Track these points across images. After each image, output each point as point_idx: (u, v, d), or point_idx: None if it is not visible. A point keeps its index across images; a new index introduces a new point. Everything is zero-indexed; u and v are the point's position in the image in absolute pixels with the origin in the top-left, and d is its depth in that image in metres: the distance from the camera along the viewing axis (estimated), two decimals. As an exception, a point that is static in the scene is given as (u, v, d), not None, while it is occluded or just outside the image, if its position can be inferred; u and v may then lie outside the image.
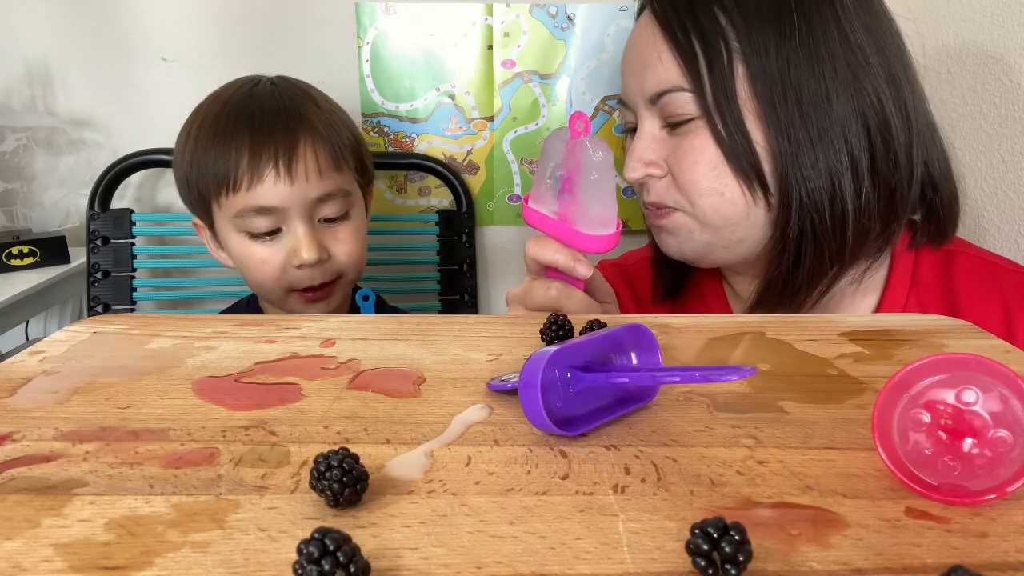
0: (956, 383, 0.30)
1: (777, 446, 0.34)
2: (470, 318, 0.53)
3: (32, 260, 1.11)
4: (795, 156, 0.63)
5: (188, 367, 0.44)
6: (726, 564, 0.24)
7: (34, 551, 0.27)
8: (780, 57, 0.63)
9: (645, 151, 0.69)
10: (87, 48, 1.17)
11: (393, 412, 0.38)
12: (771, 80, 0.63)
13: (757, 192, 0.65)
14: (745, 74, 0.64)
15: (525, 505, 0.30)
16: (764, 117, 0.64)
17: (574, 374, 0.37)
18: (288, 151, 0.78)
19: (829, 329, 0.50)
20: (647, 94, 0.68)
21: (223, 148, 0.79)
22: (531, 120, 1.20)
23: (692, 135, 0.66)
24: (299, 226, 0.80)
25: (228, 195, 0.79)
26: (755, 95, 0.64)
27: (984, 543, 0.27)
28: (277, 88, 0.84)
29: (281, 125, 0.79)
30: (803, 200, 0.64)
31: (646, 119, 0.70)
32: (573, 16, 1.15)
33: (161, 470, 0.32)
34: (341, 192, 0.83)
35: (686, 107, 0.66)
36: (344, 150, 0.84)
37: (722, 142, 0.65)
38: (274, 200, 0.78)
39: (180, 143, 0.84)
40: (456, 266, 1.21)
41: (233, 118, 0.80)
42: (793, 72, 0.63)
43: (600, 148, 0.58)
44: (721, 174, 0.66)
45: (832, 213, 0.64)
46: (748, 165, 0.65)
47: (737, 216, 0.67)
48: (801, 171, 0.64)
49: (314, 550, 0.24)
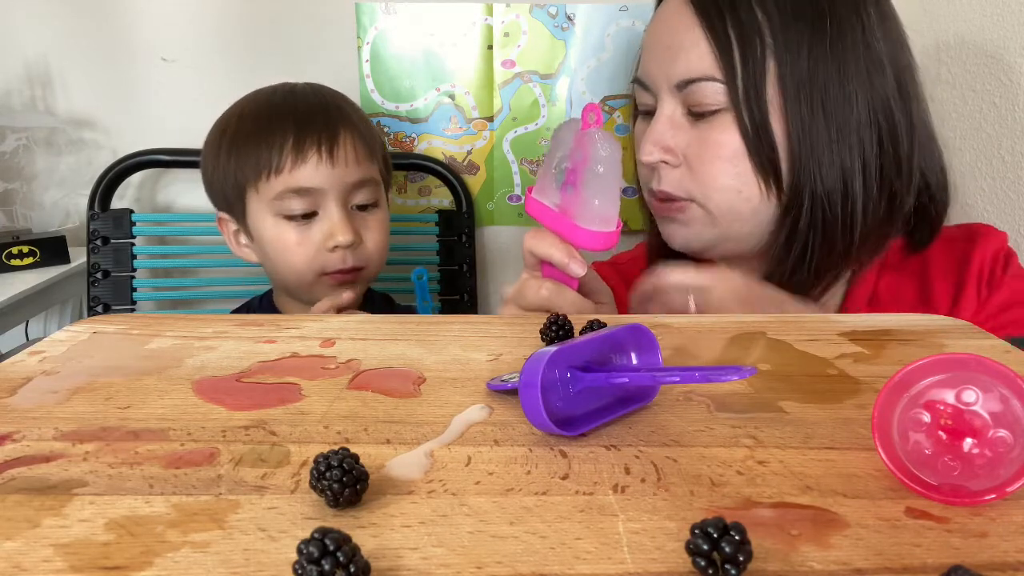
0: (956, 383, 0.30)
1: (777, 446, 0.34)
2: (470, 318, 0.53)
3: (32, 260, 1.11)
4: (813, 155, 0.64)
5: (188, 367, 0.44)
6: (726, 564, 0.24)
7: (34, 551, 0.27)
8: (811, 57, 0.63)
9: (663, 135, 0.68)
10: (87, 48, 1.17)
11: (393, 412, 0.38)
12: (799, 79, 0.64)
13: (772, 188, 0.66)
14: (775, 71, 0.64)
15: (525, 505, 0.30)
16: (786, 115, 0.64)
17: (574, 374, 0.37)
18: (330, 138, 0.84)
19: (829, 329, 0.50)
20: (674, 79, 0.67)
21: (267, 135, 0.83)
22: (531, 120, 1.19)
23: (717, 127, 0.66)
24: (335, 210, 0.85)
25: (269, 178, 0.83)
26: (781, 92, 0.64)
27: (984, 543, 0.27)
28: (314, 89, 0.90)
29: (322, 116, 0.85)
30: (817, 198, 0.65)
31: (667, 103, 0.69)
32: (573, 16, 1.14)
33: (161, 470, 0.32)
34: (374, 181, 0.89)
35: (715, 97, 0.65)
36: (376, 144, 0.91)
37: (747, 136, 0.65)
38: (315, 181, 0.83)
39: (214, 138, 0.88)
40: (456, 266, 1.21)
41: (276, 111, 0.86)
42: (821, 73, 0.63)
43: (608, 143, 0.57)
44: (741, 169, 0.66)
45: (843, 214, 0.65)
46: (768, 161, 0.65)
47: (749, 211, 0.67)
48: (819, 171, 0.64)
49: (314, 550, 0.24)
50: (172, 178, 1.22)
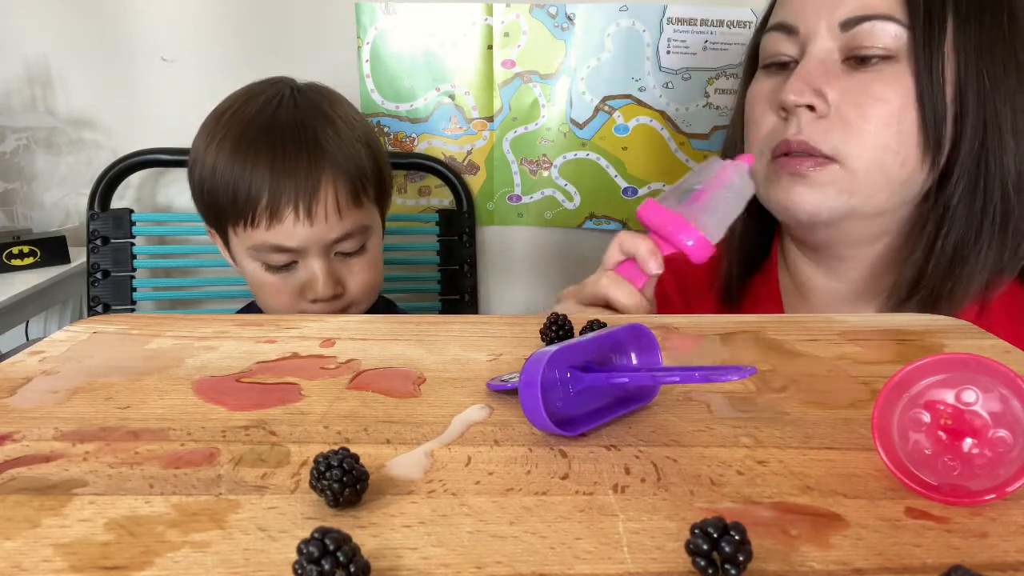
0: (956, 383, 0.30)
1: (777, 446, 0.34)
2: (470, 318, 0.53)
3: (32, 260, 1.11)
4: (994, 126, 0.59)
5: (188, 367, 0.44)
6: (726, 564, 0.24)
7: (34, 551, 0.27)
8: (994, 26, 0.60)
9: (815, 76, 0.61)
10: (87, 48, 1.17)
11: (393, 412, 0.38)
12: (979, 45, 0.59)
13: (929, 155, 0.60)
14: (953, 31, 0.59)
15: (525, 505, 0.30)
16: (959, 79, 0.59)
17: (574, 374, 0.37)
18: (309, 193, 0.77)
19: (829, 329, 0.50)
20: (841, 17, 0.61)
21: (241, 179, 0.77)
22: (531, 120, 1.19)
23: (884, 76, 0.60)
24: (315, 262, 0.80)
25: (245, 229, 0.78)
26: (956, 53, 0.59)
27: (984, 543, 0.27)
28: (300, 111, 0.81)
29: (304, 161, 0.77)
30: (989, 178, 0.60)
31: (821, 44, 0.62)
32: (573, 16, 1.14)
33: (161, 470, 0.32)
34: (359, 229, 0.82)
35: (887, 41, 0.60)
36: (365, 182, 0.82)
37: (921, 87, 0.59)
38: (292, 242, 0.78)
39: (198, 152, 0.81)
40: (456, 266, 1.21)
41: (253, 146, 0.77)
42: (1000, 46, 0.60)
43: (746, 180, 0.59)
44: (904, 127, 0.60)
45: (1020, 200, 0.60)
46: (935, 121, 0.59)
47: (900, 178, 0.61)
48: (1000, 147, 0.59)
49: (314, 550, 0.24)
50: (172, 178, 1.22)
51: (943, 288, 0.62)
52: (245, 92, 0.84)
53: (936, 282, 0.62)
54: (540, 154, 1.21)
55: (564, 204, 1.23)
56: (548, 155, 1.21)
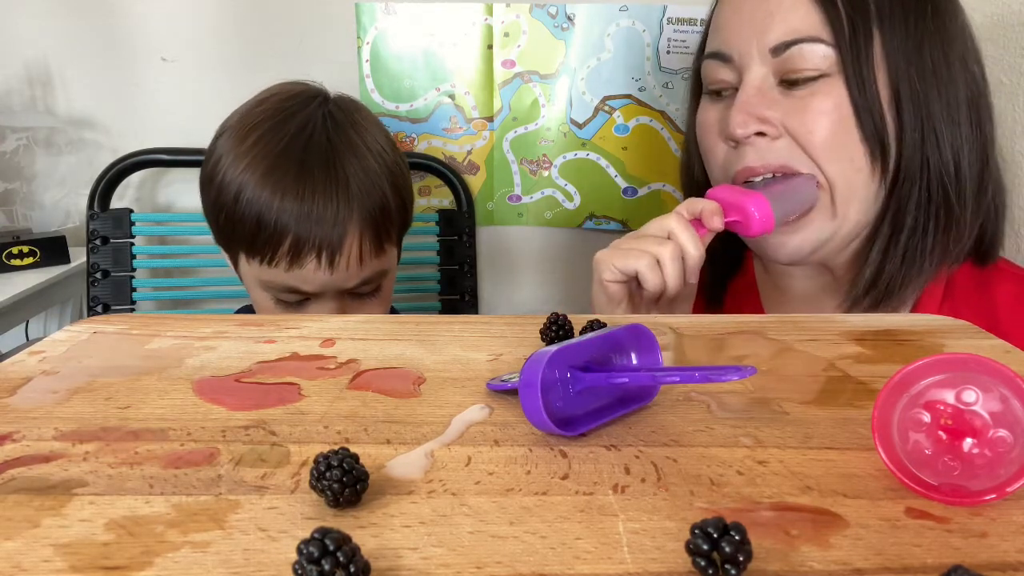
0: (956, 383, 0.30)
1: (777, 446, 0.34)
2: (470, 318, 0.53)
3: (32, 260, 1.11)
4: (929, 126, 0.61)
5: (188, 367, 0.44)
6: (726, 564, 0.24)
7: (34, 551, 0.27)
8: (918, 30, 0.61)
9: (756, 104, 0.64)
10: (87, 48, 1.17)
11: (393, 412, 0.38)
12: (907, 51, 0.61)
13: (878, 161, 0.63)
14: (880, 40, 0.61)
15: (525, 505, 0.30)
16: (894, 84, 0.61)
17: (574, 374, 0.37)
18: (334, 243, 0.73)
19: (829, 329, 0.50)
20: (770, 43, 0.63)
21: (266, 215, 0.72)
22: (531, 120, 1.19)
23: (819, 94, 0.62)
24: (328, 304, 0.78)
25: (261, 264, 0.75)
26: (887, 61, 0.61)
27: (984, 543, 0.27)
28: (332, 145, 0.76)
29: (332, 209, 0.73)
30: (933, 172, 0.62)
31: (755, 72, 0.64)
32: (573, 16, 1.14)
33: (161, 470, 0.32)
34: (377, 275, 0.80)
35: (818, 62, 0.62)
36: (390, 226, 0.79)
37: (856, 102, 0.61)
38: (309, 287, 0.76)
39: (222, 167, 0.76)
40: (456, 266, 1.21)
41: (282, 183, 0.73)
42: (927, 47, 0.61)
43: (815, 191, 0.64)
44: (849, 139, 0.62)
45: (956, 193, 0.62)
46: (875, 131, 0.62)
47: (861, 184, 0.63)
48: (935, 143, 0.61)
49: (314, 550, 0.24)
50: (172, 178, 1.22)
51: (895, 284, 0.65)
52: (277, 106, 0.78)
53: (890, 279, 0.66)
54: (540, 154, 1.21)
55: (564, 204, 1.23)
56: (548, 155, 1.21)
